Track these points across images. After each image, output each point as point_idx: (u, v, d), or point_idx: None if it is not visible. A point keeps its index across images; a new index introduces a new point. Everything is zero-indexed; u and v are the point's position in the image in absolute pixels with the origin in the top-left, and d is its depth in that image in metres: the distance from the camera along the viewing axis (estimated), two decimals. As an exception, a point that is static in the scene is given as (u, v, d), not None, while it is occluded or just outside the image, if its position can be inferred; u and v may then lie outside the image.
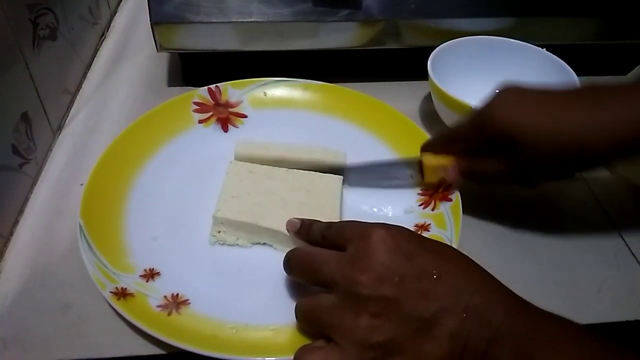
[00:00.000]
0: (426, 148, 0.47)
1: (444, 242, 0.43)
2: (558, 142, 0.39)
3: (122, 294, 0.39)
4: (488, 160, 0.43)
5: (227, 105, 0.56)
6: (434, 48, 0.55)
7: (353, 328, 0.32)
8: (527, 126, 0.40)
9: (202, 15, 0.54)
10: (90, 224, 0.43)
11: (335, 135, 0.54)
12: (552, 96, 0.41)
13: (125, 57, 0.67)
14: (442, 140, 0.47)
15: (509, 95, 0.42)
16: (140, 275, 0.41)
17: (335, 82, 0.58)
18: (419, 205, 0.47)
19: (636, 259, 0.46)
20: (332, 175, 0.48)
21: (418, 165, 0.47)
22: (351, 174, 0.49)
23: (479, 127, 0.43)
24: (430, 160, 0.46)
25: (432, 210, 0.46)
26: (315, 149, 0.50)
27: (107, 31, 0.71)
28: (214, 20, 0.55)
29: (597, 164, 0.45)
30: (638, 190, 0.51)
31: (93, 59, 0.66)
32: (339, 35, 0.57)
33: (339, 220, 0.44)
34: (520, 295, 0.33)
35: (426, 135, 0.52)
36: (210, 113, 0.55)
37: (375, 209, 0.48)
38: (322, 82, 0.58)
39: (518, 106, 0.41)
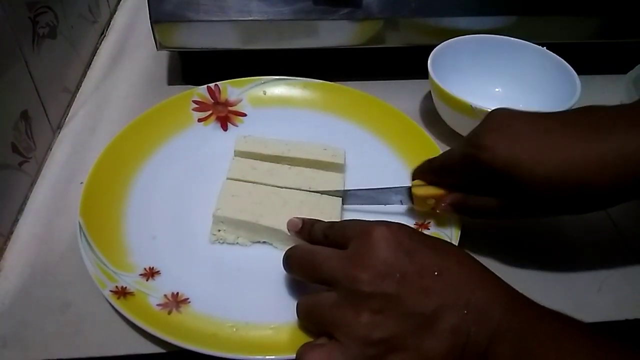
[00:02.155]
0: (416, 176, 0.45)
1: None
2: (560, 178, 0.35)
3: (122, 292, 0.39)
4: (481, 197, 0.40)
5: (227, 103, 0.56)
6: (434, 46, 0.55)
7: (354, 325, 0.32)
8: (526, 161, 0.36)
9: (201, 14, 0.54)
10: (90, 223, 0.42)
11: (335, 133, 0.54)
12: (549, 125, 0.37)
13: (125, 55, 0.67)
14: (432, 170, 0.43)
15: (502, 125, 0.38)
16: (140, 274, 0.41)
17: (336, 81, 0.58)
18: None
19: (636, 257, 0.46)
20: (333, 173, 0.48)
21: (408, 193, 0.45)
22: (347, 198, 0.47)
23: (470, 161, 0.39)
24: (420, 190, 0.43)
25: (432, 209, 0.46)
26: (315, 146, 0.50)
27: (107, 30, 0.71)
28: (214, 19, 0.55)
29: (603, 202, 0.38)
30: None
31: (93, 58, 0.66)
32: (339, 33, 0.57)
33: (339, 219, 0.44)
34: (521, 293, 0.33)
35: (425, 133, 0.52)
36: (210, 112, 0.55)
37: (375, 208, 0.47)
38: (321, 81, 0.58)
39: (513, 137, 0.37)
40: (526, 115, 0.39)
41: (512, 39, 0.57)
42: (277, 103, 0.57)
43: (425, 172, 0.44)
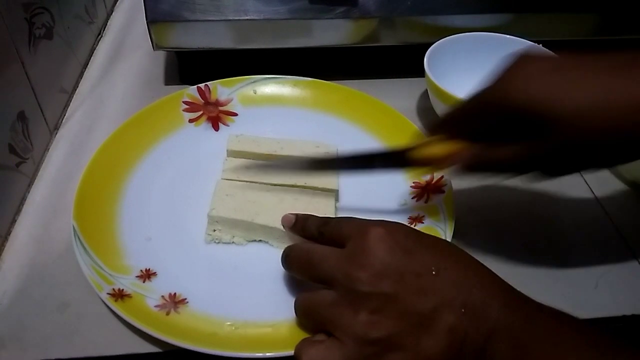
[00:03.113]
0: (434, 130, 0.40)
1: (438, 233, 0.44)
2: (609, 118, 0.31)
3: (119, 295, 0.39)
4: (506, 146, 0.35)
5: (217, 103, 0.56)
6: (430, 45, 0.55)
7: (352, 324, 0.32)
8: (567, 100, 0.32)
9: (198, 14, 0.54)
10: (84, 226, 0.43)
11: (327, 131, 0.54)
12: (585, 61, 0.33)
13: (122, 56, 0.67)
14: (453, 122, 0.39)
15: (535, 62, 0.34)
16: (137, 276, 0.41)
17: (332, 80, 0.58)
18: (412, 198, 0.48)
19: (633, 253, 0.46)
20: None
21: (401, 157, 0.41)
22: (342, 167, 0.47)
23: (498, 103, 0.34)
24: (437, 149, 0.39)
25: (425, 202, 0.47)
26: (307, 143, 0.50)
27: (103, 30, 0.71)
28: (210, 18, 0.55)
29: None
30: (635, 185, 0.51)
31: (90, 58, 0.66)
32: (336, 32, 0.57)
33: (335, 216, 0.44)
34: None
35: (416, 129, 0.52)
36: (201, 112, 0.55)
37: (369, 204, 0.48)
38: (311, 78, 0.58)
39: (551, 75, 0.33)
40: (555, 56, 0.35)
41: (509, 36, 0.57)
42: (268, 102, 0.57)
43: (444, 125, 0.39)
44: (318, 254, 0.36)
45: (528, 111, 0.33)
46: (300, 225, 0.39)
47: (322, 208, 0.44)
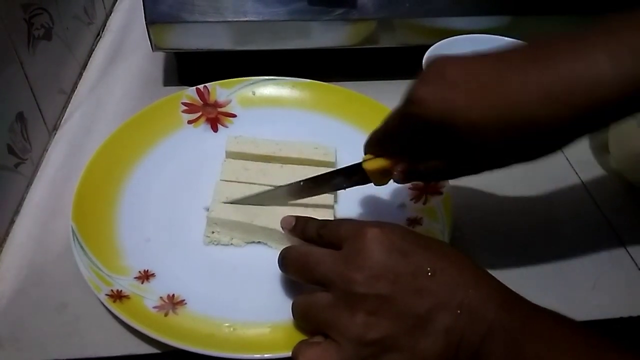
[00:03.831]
0: (366, 150, 0.41)
1: (436, 235, 0.44)
2: (498, 119, 0.31)
3: (117, 296, 0.39)
4: (429, 160, 0.37)
5: (216, 105, 0.56)
6: (429, 46, 0.55)
7: (349, 326, 0.32)
8: (460, 107, 0.32)
9: (196, 15, 0.54)
10: (83, 228, 0.43)
11: (325, 132, 0.54)
12: (484, 64, 0.33)
13: (121, 57, 0.67)
14: (377, 140, 0.40)
15: (435, 75, 0.34)
16: (135, 277, 0.41)
17: (331, 81, 0.58)
18: (411, 200, 0.48)
19: (630, 255, 0.46)
20: (326, 169, 0.48)
21: (361, 171, 0.41)
22: None
23: (406, 119, 0.35)
24: (369, 164, 0.40)
25: (424, 204, 0.47)
26: (306, 145, 0.50)
27: (102, 31, 0.71)
28: (209, 20, 0.55)
29: (552, 143, 0.33)
30: (631, 187, 0.51)
31: (89, 59, 0.66)
32: (335, 34, 0.57)
33: (333, 218, 0.45)
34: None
35: None
36: (199, 113, 0.55)
37: (367, 206, 0.48)
38: (309, 80, 0.58)
39: (446, 85, 0.32)
40: (460, 60, 0.34)
41: (507, 38, 0.57)
42: (267, 103, 0.57)
43: (371, 143, 0.40)
44: (314, 256, 0.36)
45: (435, 123, 0.33)
46: (300, 227, 0.39)
47: (321, 209, 0.44)
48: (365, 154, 0.41)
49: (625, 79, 0.29)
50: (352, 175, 0.42)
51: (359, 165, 0.41)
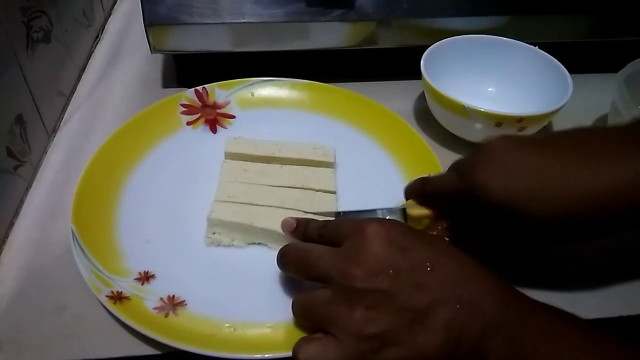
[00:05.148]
0: (409, 195, 0.42)
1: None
2: (557, 212, 0.34)
3: (118, 297, 0.39)
4: (473, 226, 0.39)
5: (215, 106, 0.56)
6: (427, 47, 0.55)
7: (349, 321, 0.32)
8: (522, 197, 0.34)
9: (195, 17, 0.55)
10: (83, 229, 0.43)
11: (324, 133, 0.54)
12: (544, 155, 0.35)
13: (120, 59, 0.67)
14: (425, 195, 0.41)
15: (496, 159, 0.35)
16: (136, 279, 0.41)
17: (330, 82, 0.58)
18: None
19: (630, 253, 0.46)
20: (325, 169, 0.48)
21: (402, 212, 0.42)
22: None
23: (465, 196, 0.36)
24: (414, 210, 0.41)
25: None
26: (305, 145, 0.50)
27: (101, 33, 0.71)
28: (208, 22, 0.55)
29: (604, 233, 0.37)
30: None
31: (87, 61, 0.66)
32: (333, 35, 0.57)
33: (334, 218, 0.45)
34: (513, 290, 0.33)
35: (412, 130, 0.53)
36: (198, 115, 0.55)
37: (367, 207, 0.48)
38: (308, 81, 0.58)
39: (508, 173, 0.35)
40: (520, 146, 0.36)
41: (504, 38, 0.57)
42: (265, 104, 0.57)
43: (418, 194, 0.42)
44: (314, 253, 0.36)
45: (496, 207, 0.35)
46: (301, 229, 0.39)
47: (323, 209, 0.44)
48: (406, 199, 0.43)
49: None
50: (390, 215, 0.42)
51: (402, 209, 0.42)
